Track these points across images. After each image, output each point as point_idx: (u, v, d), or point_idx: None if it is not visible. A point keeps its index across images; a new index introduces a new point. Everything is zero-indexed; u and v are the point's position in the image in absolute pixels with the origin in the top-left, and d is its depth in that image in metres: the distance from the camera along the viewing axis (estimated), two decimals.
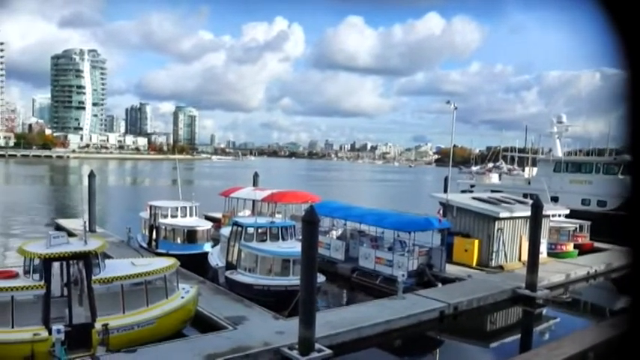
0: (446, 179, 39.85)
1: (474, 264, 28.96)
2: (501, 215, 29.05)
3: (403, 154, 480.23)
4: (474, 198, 32.96)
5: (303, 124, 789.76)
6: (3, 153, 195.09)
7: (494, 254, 29.24)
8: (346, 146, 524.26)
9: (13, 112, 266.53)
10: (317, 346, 16.23)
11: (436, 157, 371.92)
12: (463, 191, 47.52)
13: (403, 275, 22.87)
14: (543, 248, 29.11)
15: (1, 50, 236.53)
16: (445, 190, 35.68)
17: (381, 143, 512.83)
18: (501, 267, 29.15)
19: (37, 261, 15.94)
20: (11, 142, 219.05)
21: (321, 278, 20.69)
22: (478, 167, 60.86)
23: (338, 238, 30.85)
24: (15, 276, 16.07)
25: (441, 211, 30.07)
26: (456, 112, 32.56)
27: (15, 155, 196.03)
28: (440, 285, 25.36)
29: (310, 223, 16.39)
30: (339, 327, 18.38)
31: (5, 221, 47.40)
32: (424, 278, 26.10)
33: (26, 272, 16.13)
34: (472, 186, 53.20)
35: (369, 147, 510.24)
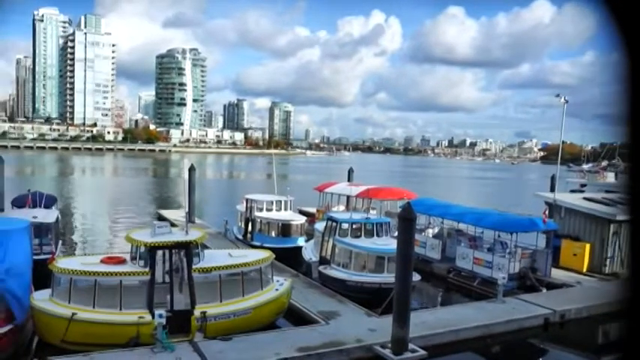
0: (553, 178, 37.44)
1: (584, 269, 26.84)
2: (618, 218, 26.61)
3: (505, 150, 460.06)
4: (586, 198, 30.55)
5: (398, 120, 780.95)
6: (112, 147, 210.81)
7: (608, 260, 26.92)
8: (443, 142, 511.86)
9: (121, 108, 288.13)
10: (411, 345, 15.80)
11: (541, 154, 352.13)
12: (572, 191, 44.36)
13: (504, 278, 21.66)
14: None
15: (113, 52, 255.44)
16: (552, 190, 33.49)
17: (481, 139, 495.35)
18: (616, 274, 26.75)
19: (142, 249, 16.85)
20: (119, 137, 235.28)
21: (416, 277, 20.15)
22: (590, 165, 56.68)
23: (434, 236, 29.94)
24: (123, 262, 17.10)
25: (547, 212, 28.15)
26: (566, 105, 30.36)
27: (122, 149, 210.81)
28: (544, 290, 23.77)
29: (407, 220, 15.94)
30: (434, 328, 17.82)
31: (113, 210, 51.19)
32: (527, 282, 24.61)
33: (133, 259, 17.10)
34: (583, 185, 49.57)
35: (467, 143, 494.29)
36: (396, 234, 19.81)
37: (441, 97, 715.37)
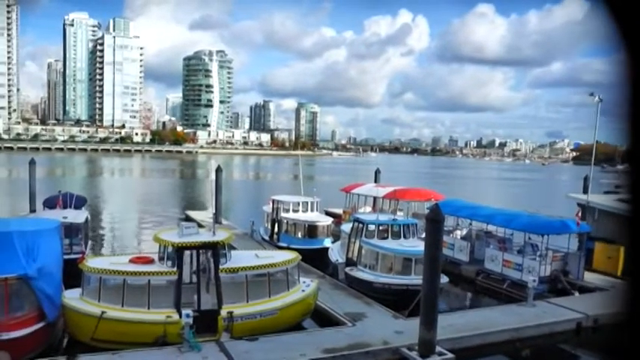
0: (586, 179, 36.53)
1: (619, 273, 26.08)
2: None
3: (535, 151, 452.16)
4: (621, 200, 29.71)
5: (425, 120, 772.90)
6: (140, 149, 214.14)
7: None
8: (472, 142, 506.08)
9: (149, 110, 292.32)
10: (438, 348, 15.57)
11: (574, 154, 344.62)
12: (607, 192, 43.22)
13: (534, 281, 21.19)
14: None
15: (141, 54, 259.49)
16: (585, 191, 32.67)
17: (511, 139, 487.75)
18: None
19: (170, 249, 16.98)
20: (147, 139, 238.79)
21: (444, 279, 19.88)
22: (625, 165, 55.02)
23: (462, 238, 29.53)
24: (151, 262, 17.27)
25: (580, 214, 27.47)
26: (600, 104, 29.59)
27: (150, 151, 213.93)
28: (577, 294, 23.19)
29: (435, 222, 15.73)
30: (462, 331, 17.54)
31: (141, 211, 51.94)
32: (558, 285, 24.05)
33: (161, 259, 17.26)
34: (618, 187, 48.25)
35: (496, 143, 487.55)
36: (423, 236, 19.57)
37: (470, 96, 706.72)
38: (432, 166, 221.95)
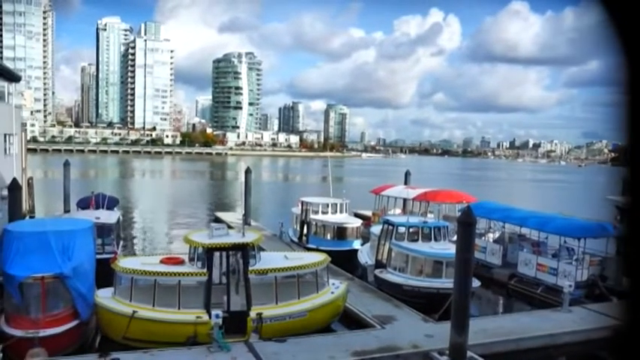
0: (625, 181, 35.41)
1: None
2: None
3: (571, 152, 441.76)
4: None
5: (456, 121, 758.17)
6: (170, 150, 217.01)
7: None
8: (504, 144, 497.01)
9: (179, 113, 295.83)
10: (469, 353, 15.25)
11: (612, 155, 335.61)
12: None
13: (570, 286, 20.61)
14: None
15: (171, 57, 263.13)
16: (624, 193, 31.62)
17: (545, 140, 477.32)
18: None
19: (200, 250, 17.11)
20: (177, 141, 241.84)
21: (475, 283, 19.54)
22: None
23: (495, 241, 29.01)
24: (181, 262, 17.42)
25: (619, 217, 26.62)
26: None
27: (180, 152, 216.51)
28: (615, 300, 22.46)
29: (467, 224, 15.45)
30: (494, 336, 17.21)
31: (171, 212, 52.61)
32: (595, 291, 23.34)
33: (191, 260, 17.40)
34: None
35: (530, 144, 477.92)
36: (454, 238, 19.26)
37: (502, 96, 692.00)
38: (463, 167, 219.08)
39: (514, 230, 28.82)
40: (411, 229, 23.58)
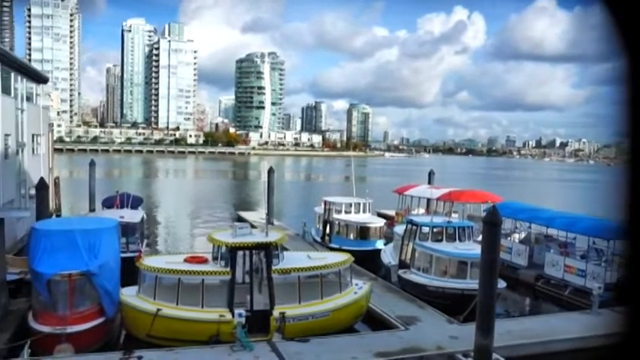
0: None
1: None
2: None
3: (600, 151, 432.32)
4: None
5: (481, 120, 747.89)
6: (193, 150, 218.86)
7: None
8: (530, 143, 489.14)
9: (202, 112, 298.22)
10: (495, 355, 15.00)
11: None
12: None
13: (600, 288, 20.13)
14: None
15: (195, 58, 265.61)
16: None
17: (573, 139, 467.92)
18: None
19: (224, 249, 17.15)
20: (200, 140, 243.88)
21: (501, 284, 19.20)
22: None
23: (520, 241, 28.54)
24: (205, 261, 17.48)
25: None
26: None
27: (203, 152, 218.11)
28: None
29: (492, 225, 15.19)
30: (521, 338, 16.93)
31: (194, 211, 52.97)
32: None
33: (214, 258, 17.45)
34: None
35: (557, 143, 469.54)
36: (479, 239, 18.96)
37: (528, 94, 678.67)
38: (488, 167, 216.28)
39: (540, 231, 28.32)
40: (434, 229, 23.33)
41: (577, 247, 25.95)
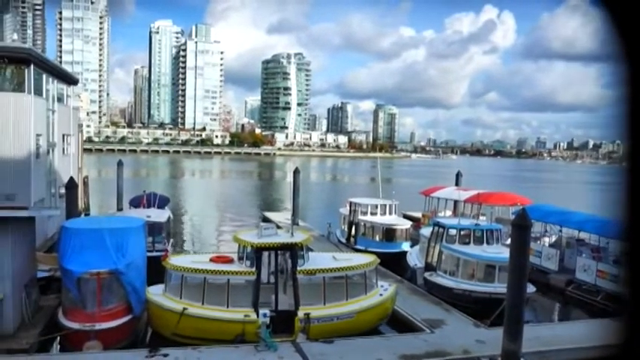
0: None
1: None
2: None
3: None
4: None
5: (510, 121, 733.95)
6: (219, 151, 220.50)
7: None
8: (562, 144, 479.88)
9: (228, 113, 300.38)
10: None
11: None
12: None
13: None
14: None
15: (221, 59, 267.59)
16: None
17: (607, 141, 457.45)
18: None
19: (249, 249, 17.19)
20: (226, 141, 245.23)
21: (530, 288, 18.86)
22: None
23: (551, 245, 27.98)
24: (231, 261, 17.55)
25: None
26: None
27: (229, 153, 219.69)
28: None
29: (522, 227, 14.90)
30: (550, 344, 16.54)
31: (220, 211, 53.35)
32: None
33: (240, 259, 17.50)
34: None
35: (590, 145, 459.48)
36: (507, 242, 18.61)
37: (559, 95, 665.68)
38: (518, 169, 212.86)
39: (572, 235, 27.72)
40: (462, 232, 23.02)
41: (610, 251, 25.29)
